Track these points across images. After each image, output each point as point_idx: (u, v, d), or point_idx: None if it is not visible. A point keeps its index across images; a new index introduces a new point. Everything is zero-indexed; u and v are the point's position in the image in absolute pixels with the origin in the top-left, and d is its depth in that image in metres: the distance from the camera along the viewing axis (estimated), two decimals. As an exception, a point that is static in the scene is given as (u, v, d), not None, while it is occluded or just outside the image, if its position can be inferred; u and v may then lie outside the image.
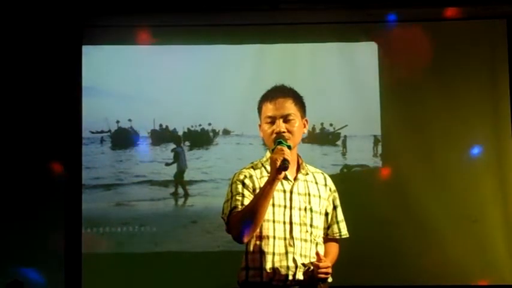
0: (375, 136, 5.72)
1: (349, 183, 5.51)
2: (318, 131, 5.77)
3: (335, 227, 3.19)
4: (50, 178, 5.47)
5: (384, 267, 5.45)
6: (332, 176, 3.29)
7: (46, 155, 5.48)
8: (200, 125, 5.79)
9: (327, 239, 3.20)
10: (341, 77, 5.72)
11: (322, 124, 5.78)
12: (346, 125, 5.73)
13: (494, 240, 5.51)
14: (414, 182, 5.54)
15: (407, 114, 5.66)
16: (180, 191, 5.73)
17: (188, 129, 5.80)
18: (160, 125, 5.79)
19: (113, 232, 5.61)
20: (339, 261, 3.26)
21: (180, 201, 5.73)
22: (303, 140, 5.48)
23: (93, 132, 5.71)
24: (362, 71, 5.74)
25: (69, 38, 5.57)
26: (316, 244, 3.08)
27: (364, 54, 5.76)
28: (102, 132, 5.73)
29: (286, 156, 2.87)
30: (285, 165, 2.86)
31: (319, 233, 3.10)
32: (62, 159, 5.52)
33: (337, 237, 3.20)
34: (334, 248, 3.23)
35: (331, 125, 5.78)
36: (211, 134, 5.80)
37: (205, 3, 5.47)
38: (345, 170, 5.74)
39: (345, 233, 3.22)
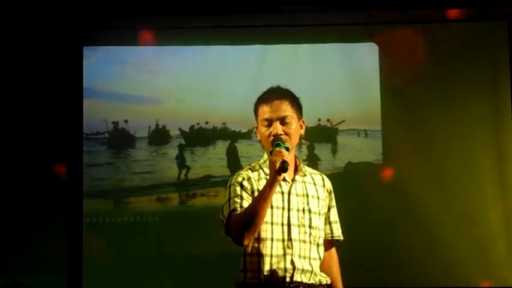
0: (375, 136, 5.73)
1: (349, 184, 5.52)
2: (318, 130, 5.77)
3: (327, 227, 3.16)
4: (51, 180, 5.48)
5: (383, 268, 5.45)
6: (331, 176, 3.29)
7: (47, 158, 5.49)
8: (201, 126, 5.80)
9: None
10: (342, 78, 5.73)
11: (321, 123, 5.78)
12: (343, 120, 5.74)
13: (495, 242, 5.52)
14: (414, 182, 5.55)
15: (408, 114, 5.68)
16: (180, 191, 5.74)
17: (189, 129, 5.81)
18: (161, 126, 5.79)
19: (113, 233, 5.62)
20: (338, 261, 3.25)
21: (180, 202, 5.74)
22: (303, 139, 5.55)
23: (92, 134, 5.72)
24: (363, 71, 5.75)
25: (70, 39, 5.59)
26: (317, 245, 3.08)
27: (365, 55, 5.77)
28: (101, 133, 5.74)
29: (285, 158, 2.86)
30: (284, 166, 2.85)
31: (319, 234, 3.09)
32: (63, 161, 5.53)
33: (329, 238, 3.17)
34: (334, 260, 3.21)
35: (331, 124, 5.79)
36: (211, 134, 5.81)
37: (205, 6, 5.48)
38: (345, 170, 5.75)
39: (337, 234, 3.18)
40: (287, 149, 2.94)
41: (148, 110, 5.76)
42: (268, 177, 2.92)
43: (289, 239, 3.00)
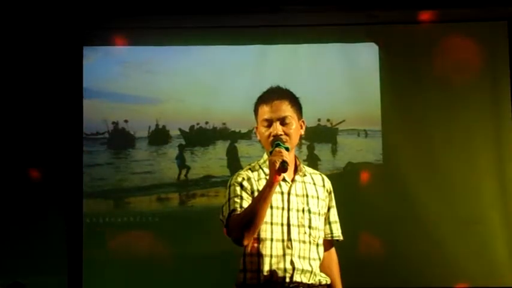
0: (375, 136, 5.72)
1: (349, 184, 5.52)
2: (318, 130, 5.77)
3: (327, 227, 3.16)
4: (50, 180, 5.48)
5: (383, 268, 5.45)
6: (331, 176, 3.29)
7: (47, 158, 5.49)
8: (201, 126, 5.79)
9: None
10: (342, 78, 5.73)
11: (321, 123, 5.78)
12: (343, 120, 5.74)
13: (495, 242, 5.51)
14: (414, 182, 5.54)
15: (408, 114, 5.67)
16: (180, 191, 5.74)
17: (189, 129, 5.80)
18: (161, 126, 5.79)
19: (113, 233, 5.62)
20: (338, 261, 3.25)
21: (180, 202, 5.73)
22: (303, 139, 5.55)
23: (92, 134, 5.72)
24: (363, 71, 5.75)
25: (70, 39, 5.59)
26: (317, 245, 3.08)
27: (365, 55, 5.77)
28: (101, 133, 5.74)
29: (285, 158, 2.86)
30: (284, 166, 2.86)
31: (318, 234, 3.09)
32: (62, 161, 5.53)
33: (329, 238, 3.17)
34: (334, 260, 3.21)
35: (331, 124, 5.79)
36: (211, 134, 5.81)
37: (206, 5, 5.48)
38: (345, 170, 5.74)
39: (337, 234, 3.18)
40: (287, 149, 2.94)
41: (148, 110, 5.76)
42: (268, 177, 2.92)
43: (289, 239, 3.00)
